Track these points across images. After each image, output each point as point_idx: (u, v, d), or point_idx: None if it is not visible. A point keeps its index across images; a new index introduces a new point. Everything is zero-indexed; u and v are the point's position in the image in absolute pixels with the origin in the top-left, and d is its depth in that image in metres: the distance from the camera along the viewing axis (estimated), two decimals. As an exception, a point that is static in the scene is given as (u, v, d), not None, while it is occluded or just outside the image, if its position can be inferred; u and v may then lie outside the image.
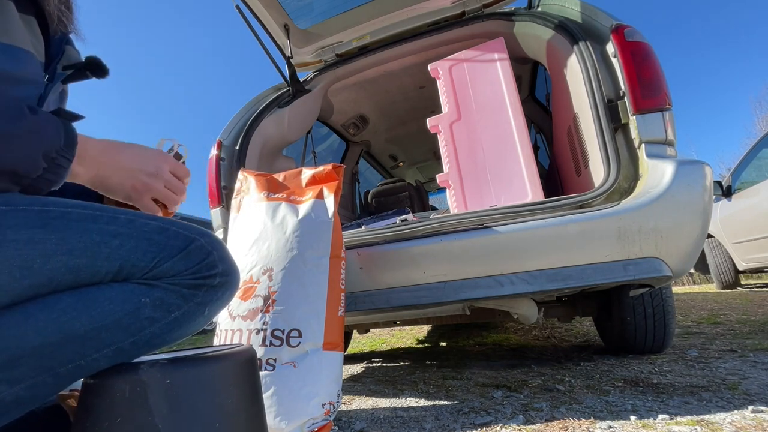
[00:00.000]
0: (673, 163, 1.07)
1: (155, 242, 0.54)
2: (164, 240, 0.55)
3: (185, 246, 0.56)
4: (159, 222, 0.57)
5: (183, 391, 0.54)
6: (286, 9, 1.89)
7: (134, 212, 0.57)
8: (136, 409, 0.51)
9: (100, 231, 0.51)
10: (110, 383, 0.52)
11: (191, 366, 0.55)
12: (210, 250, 0.58)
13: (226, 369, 0.60)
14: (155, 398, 0.51)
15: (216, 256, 0.58)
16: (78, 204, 0.52)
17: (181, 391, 0.53)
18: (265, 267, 1.10)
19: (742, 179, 4.09)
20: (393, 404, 1.31)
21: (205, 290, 0.57)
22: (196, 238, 0.58)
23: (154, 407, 0.51)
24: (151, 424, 0.50)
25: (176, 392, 0.53)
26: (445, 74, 1.73)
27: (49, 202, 0.50)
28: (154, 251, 0.54)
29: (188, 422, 0.53)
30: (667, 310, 1.50)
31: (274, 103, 1.98)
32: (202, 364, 0.57)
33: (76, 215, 0.51)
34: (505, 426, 1.01)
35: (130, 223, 0.54)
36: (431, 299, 1.18)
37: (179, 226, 0.58)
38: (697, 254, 1.08)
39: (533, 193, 1.42)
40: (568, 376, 1.43)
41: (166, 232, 0.56)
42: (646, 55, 1.21)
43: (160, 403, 0.51)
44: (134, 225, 0.54)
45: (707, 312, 2.86)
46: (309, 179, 1.27)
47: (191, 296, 0.56)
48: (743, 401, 1.04)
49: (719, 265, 4.53)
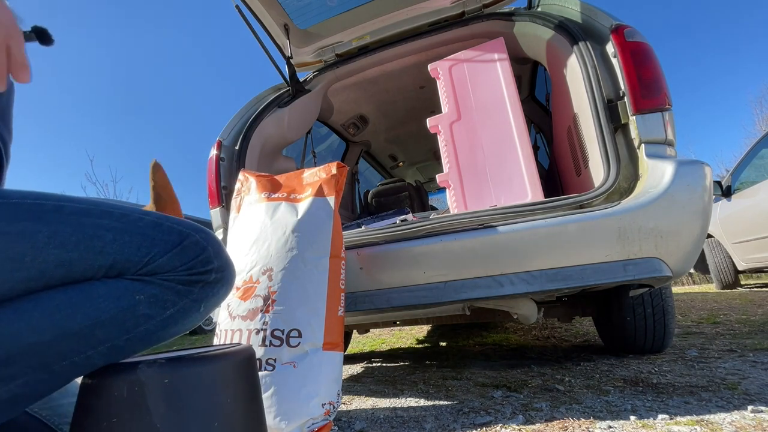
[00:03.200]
0: (672, 163, 1.07)
1: (149, 237, 0.54)
2: (158, 235, 0.54)
3: (180, 241, 0.55)
4: (153, 217, 0.56)
5: (181, 390, 0.53)
6: (286, 9, 1.89)
7: (128, 207, 0.56)
8: (134, 409, 0.51)
9: (93, 225, 0.51)
10: (108, 383, 0.52)
11: (189, 365, 0.55)
12: (205, 246, 0.57)
13: (225, 368, 0.59)
14: (153, 398, 0.51)
15: (211, 252, 0.58)
16: (72, 198, 0.52)
17: (179, 391, 0.53)
18: (265, 267, 1.10)
19: (741, 179, 4.09)
20: (393, 404, 1.31)
21: (200, 286, 0.56)
22: (191, 233, 0.57)
23: (153, 407, 0.51)
24: (149, 423, 0.50)
25: (175, 392, 0.53)
26: (444, 74, 1.73)
27: (41, 196, 0.49)
28: (147, 246, 0.53)
29: (187, 422, 0.53)
30: (666, 310, 1.50)
31: (274, 103, 1.98)
32: (201, 363, 0.56)
33: (69, 209, 0.50)
34: (505, 426, 1.01)
35: (123, 218, 0.53)
36: (431, 299, 1.18)
37: (173, 222, 0.57)
38: (696, 254, 1.08)
39: (533, 193, 1.42)
40: (568, 376, 1.43)
41: (159, 227, 0.55)
42: (646, 55, 1.21)
43: (158, 403, 0.51)
44: (127, 219, 0.54)
45: (707, 312, 2.86)
46: (310, 178, 1.27)
47: (186, 292, 0.55)
48: (743, 401, 1.04)
49: (719, 265, 4.53)
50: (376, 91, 2.53)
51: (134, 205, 0.64)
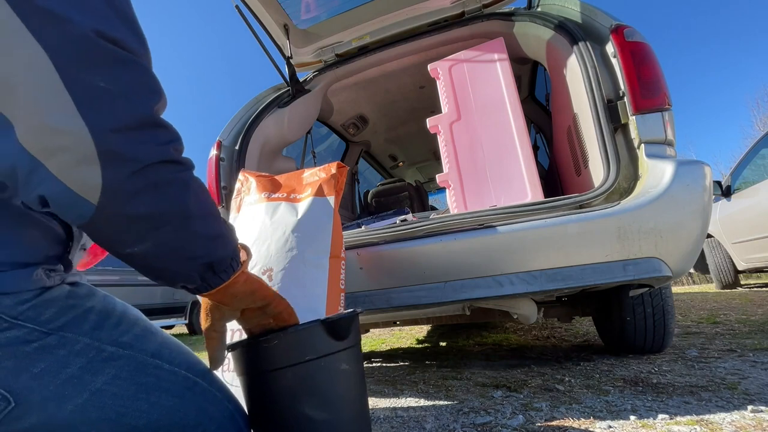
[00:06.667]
0: (672, 163, 1.07)
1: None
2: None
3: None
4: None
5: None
6: (286, 9, 1.89)
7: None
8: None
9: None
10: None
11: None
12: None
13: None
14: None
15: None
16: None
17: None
18: (265, 267, 1.10)
19: (741, 179, 4.09)
20: (393, 404, 1.31)
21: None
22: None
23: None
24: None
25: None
26: (444, 74, 1.73)
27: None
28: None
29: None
30: (666, 310, 1.50)
31: (274, 103, 1.98)
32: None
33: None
34: (505, 426, 1.01)
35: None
36: (431, 299, 1.18)
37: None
38: (696, 254, 1.08)
39: (533, 193, 1.42)
40: (568, 376, 1.43)
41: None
42: (645, 55, 1.21)
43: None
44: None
45: (707, 312, 2.86)
46: (310, 178, 1.27)
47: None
48: (743, 401, 1.04)
49: (719, 265, 4.53)
50: (376, 91, 2.53)
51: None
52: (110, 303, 0.53)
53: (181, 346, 0.57)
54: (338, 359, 0.58)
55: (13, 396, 0.42)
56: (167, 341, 0.55)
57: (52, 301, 0.46)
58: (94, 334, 0.48)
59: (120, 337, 0.50)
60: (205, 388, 0.54)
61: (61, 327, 0.45)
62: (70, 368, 0.45)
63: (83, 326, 0.47)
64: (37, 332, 0.43)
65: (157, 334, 0.55)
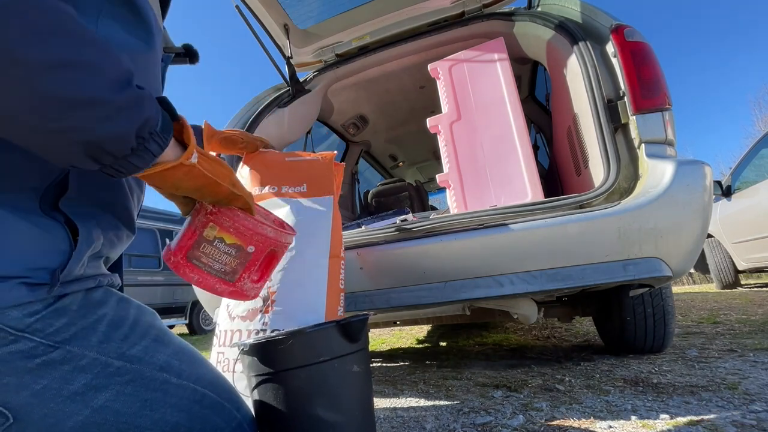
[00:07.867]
0: (673, 163, 1.07)
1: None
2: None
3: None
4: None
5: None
6: (286, 9, 1.89)
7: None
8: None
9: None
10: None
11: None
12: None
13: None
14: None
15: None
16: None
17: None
18: (265, 267, 1.10)
19: (741, 179, 4.09)
20: (393, 404, 1.31)
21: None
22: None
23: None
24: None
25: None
26: (444, 74, 1.73)
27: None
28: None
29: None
30: (666, 310, 1.50)
31: (274, 103, 1.98)
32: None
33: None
34: (505, 426, 1.01)
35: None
36: (431, 299, 1.18)
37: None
38: (697, 254, 1.08)
39: (533, 193, 1.42)
40: (568, 376, 1.43)
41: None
42: (645, 55, 1.21)
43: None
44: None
45: (707, 312, 2.86)
46: (308, 177, 1.26)
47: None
48: (743, 401, 1.04)
49: (719, 265, 4.53)
50: (376, 91, 2.53)
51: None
52: (123, 308, 0.51)
53: (193, 354, 0.55)
54: (350, 361, 0.58)
55: (12, 412, 0.41)
56: (180, 350, 0.53)
57: (64, 310, 0.44)
58: (102, 348, 0.46)
59: (128, 350, 0.48)
60: (213, 400, 0.53)
61: (68, 339, 0.44)
62: (74, 385, 0.43)
63: (91, 339, 0.45)
64: (43, 346, 0.42)
65: (169, 343, 0.53)
